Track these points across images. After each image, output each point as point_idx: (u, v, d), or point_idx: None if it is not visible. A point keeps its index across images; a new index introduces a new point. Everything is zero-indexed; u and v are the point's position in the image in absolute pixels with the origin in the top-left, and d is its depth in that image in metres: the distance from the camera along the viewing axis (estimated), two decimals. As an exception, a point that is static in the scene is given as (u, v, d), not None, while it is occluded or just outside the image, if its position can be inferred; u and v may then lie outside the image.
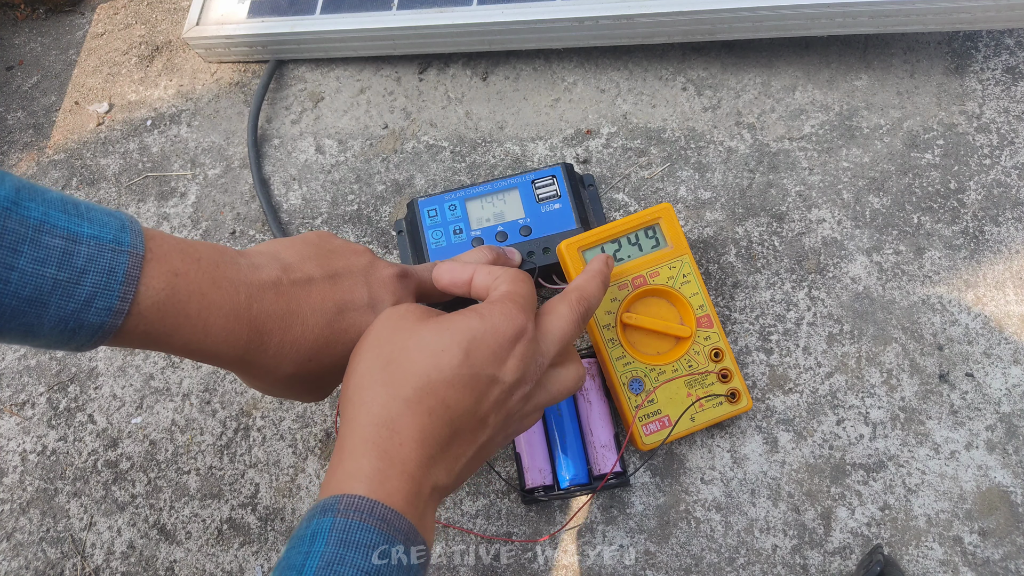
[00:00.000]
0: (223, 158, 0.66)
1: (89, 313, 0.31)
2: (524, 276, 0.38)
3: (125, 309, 0.31)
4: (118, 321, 0.31)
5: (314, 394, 0.41)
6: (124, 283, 0.31)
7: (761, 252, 0.55)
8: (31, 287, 0.29)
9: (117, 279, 0.31)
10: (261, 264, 0.37)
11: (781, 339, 0.52)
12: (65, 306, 0.30)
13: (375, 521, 0.29)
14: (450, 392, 0.33)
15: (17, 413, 0.57)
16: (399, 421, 0.32)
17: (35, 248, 0.29)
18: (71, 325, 0.31)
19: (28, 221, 0.29)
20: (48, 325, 0.30)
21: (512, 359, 0.35)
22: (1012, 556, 0.45)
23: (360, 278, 0.39)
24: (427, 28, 0.61)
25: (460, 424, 0.34)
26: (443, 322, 0.35)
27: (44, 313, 0.30)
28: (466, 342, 0.34)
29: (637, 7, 0.56)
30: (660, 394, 0.47)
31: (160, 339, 0.33)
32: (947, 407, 0.49)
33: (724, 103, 0.61)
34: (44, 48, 0.75)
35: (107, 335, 0.32)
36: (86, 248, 0.31)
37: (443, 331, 0.34)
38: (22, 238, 0.29)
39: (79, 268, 0.30)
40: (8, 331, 0.30)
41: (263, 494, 0.52)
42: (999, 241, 0.53)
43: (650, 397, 0.47)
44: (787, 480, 0.48)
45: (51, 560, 0.52)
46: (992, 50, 0.60)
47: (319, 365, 0.37)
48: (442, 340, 0.34)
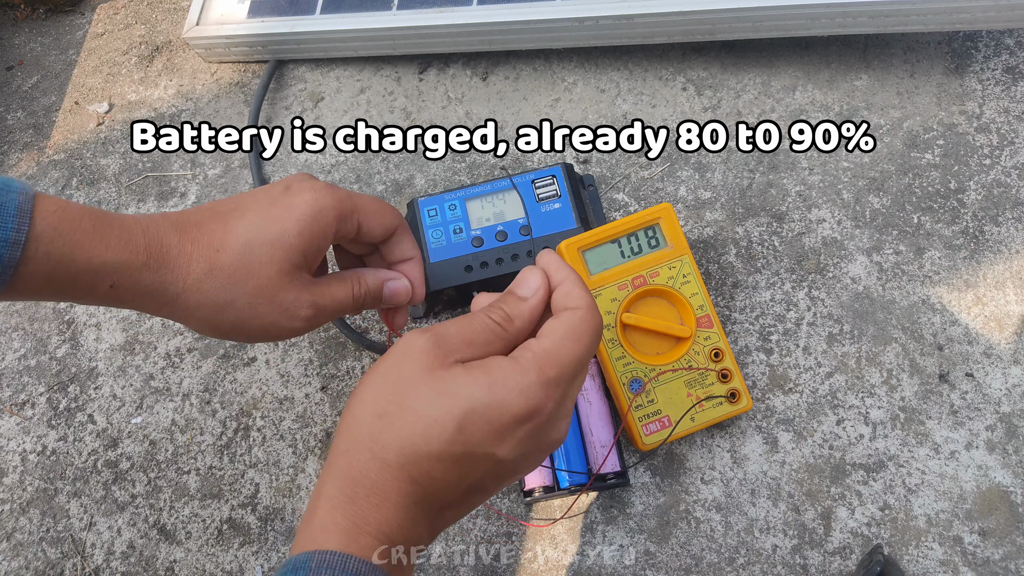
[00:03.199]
0: (223, 158, 0.66)
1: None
2: (582, 332, 0.32)
3: (20, 240, 0.32)
4: (16, 253, 0.32)
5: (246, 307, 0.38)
6: (17, 216, 0.32)
7: (761, 252, 0.55)
8: None
9: (9, 212, 0.32)
10: None
11: (781, 339, 0.52)
12: None
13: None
14: (436, 466, 0.30)
15: (17, 413, 0.57)
16: (380, 483, 0.30)
17: None
18: None
19: None
20: None
21: (513, 440, 0.30)
22: (1012, 556, 0.45)
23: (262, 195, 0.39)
24: (427, 28, 0.61)
25: (446, 496, 0.31)
26: (448, 382, 0.30)
27: None
28: (463, 416, 0.30)
29: (637, 7, 0.56)
30: (660, 394, 0.47)
31: (65, 264, 0.33)
32: (947, 407, 0.49)
33: (724, 103, 0.61)
34: (44, 48, 0.75)
35: (8, 268, 0.32)
36: None
37: (443, 395, 0.30)
38: None
39: None
40: None
41: (263, 494, 0.52)
42: (999, 241, 0.53)
43: (650, 397, 0.47)
44: (787, 480, 0.48)
45: (51, 560, 0.52)
46: (992, 50, 0.60)
47: (229, 258, 0.37)
48: (439, 408, 0.30)
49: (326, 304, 0.40)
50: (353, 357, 0.55)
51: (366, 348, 0.55)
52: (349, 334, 0.55)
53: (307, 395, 0.55)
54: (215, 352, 0.57)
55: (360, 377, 0.55)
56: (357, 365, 0.55)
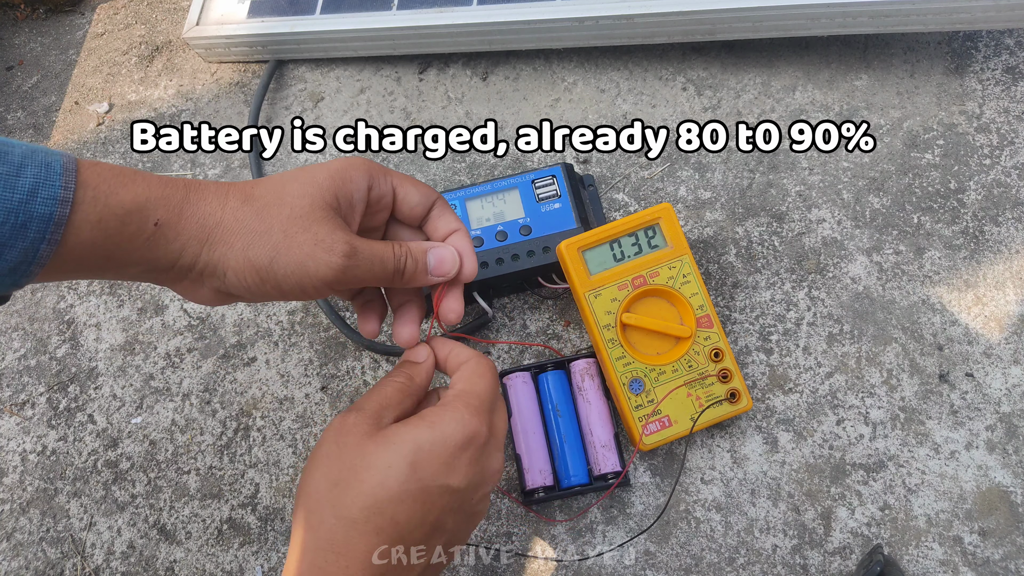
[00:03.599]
0: (223, 158, 0.66)
1: (36, 204, 0.31)
2: (483, 370, 0.38)
3: (69, 198, 0.32)
4: (66, 210, 0.32)
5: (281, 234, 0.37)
6: (63, 173, 0.32)
7: (761, 252, 0.55)
8: None
9: (55, 171, 0.32)
10: None
11: (781, 339, 0.52)
12: (11, 198, 0.31)
13: None
14: (399, 508, 0.33)
15: (17, 413, 0.57)
16: (345, 544, 0.32)
17: None
18: (21, 218, 0.31)
19: None
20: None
21: (463, 466, 0.34)
22: (1012, 556, 0.45)
23: None
24: (427, 28, 0.61)
25: (412, 537, 0.34)
26: (390, 436, 0.34)
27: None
28: (412, 455, 0.33)
29: (637, 7, 0.56)
30: (660, 394, 0.47)
31: (111, 204, 0.33)
32: (947, 407, 0.49)
33: (724, 103, 0.61)
34: (44, 48, 0.75)
35: (59, 227, 0.32)
36: (19, 151, 0.32)
37: (389, 446, 0.34)
38: None
39: (16, 163, 0.31)
40: None
41: (263, 494, 0.52)
42: (999, 241, 0.53)
43: (650, 397, 0.47)
44: (787, 480, 0.48)
45: (51, 560, 0.52)
46: (992, 50, 0.60)
47: (263, 191, 0.37)
48: (388, 456, 0.33)
49: (363, 249, 0.37)
50: (353, 357, 0.55)
51: (366, 348, 0.55)
52: (349, 334, 0.55)
53: (307, 395, 0.55)
54: (215, 352, 0.57)
55: (360, 377, 0.55)
56: (357, 365, 0.55)
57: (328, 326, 0.57)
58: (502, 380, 0.51)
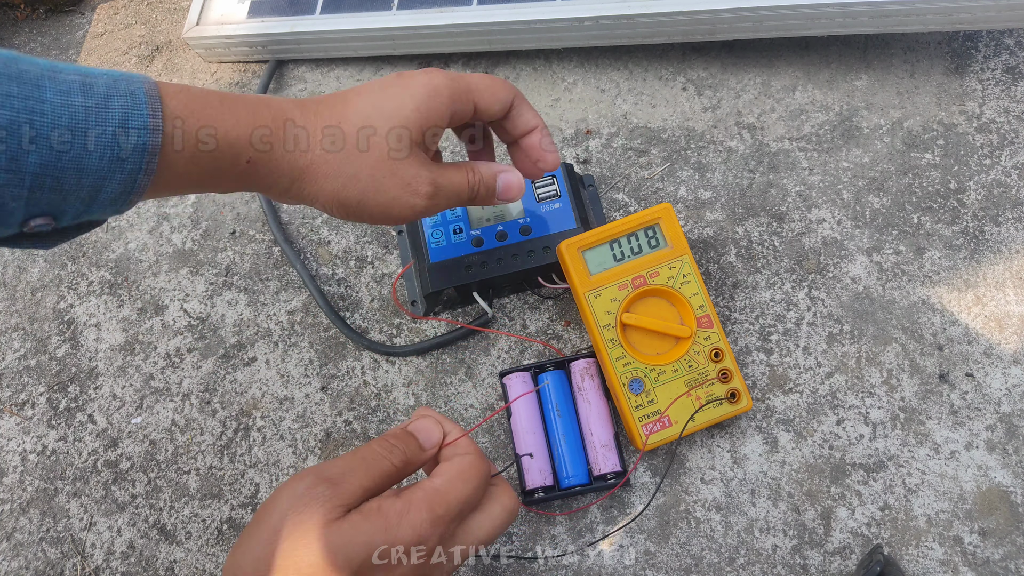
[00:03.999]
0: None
1: (129, 135, 0.31)
2: (470, 475, 0.36)
3: (159, 126, 0.32)
4: (157, 139, 0.32)
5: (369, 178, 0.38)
6: (149, 101, 0.32)
7: (761, 252, 0.55)
8: (66, 116, 0.30)
9: (140, 100, 0.32)
10: None
11: (781, 339, 0.52)
12: (104, 131, 0.31)
13: None
14: None
15: (17, 413, 0.57)
16: None
17: (55, 83, 0.30)
18: (116, 151, 0.31)
19: (38, 64, 0.30)
20: (96, 154, 0.31)
21: (400, 569, 0.33)
22: (1012, 556, 0.45)
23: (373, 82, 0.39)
24: (427, 28, 0.61)
25: None
26: (344, 531, 0.32)
27: (86, 142, 0.30)
28: (359, 562, 0.32)
29: (637, 7, 0.56)
30: (660, 394, 0.47)
31: (202, 139, 0.34)
32: (947, 407, 0.49)
33: (724, 103, 0.61)
34: (44, 48, 0.75)
35: (153, 155, 0.32)
36: (102, 80, 0.31)
37: (336, 551, 0.32)
38: (40, 75, 0.30)
39: (102, 95, 0.31)
40: (62, 171, 0.31)
41: (263, 494, 0.52)
42: (999, 241, 0.53)
43: (650, 397, 0.47)
44: (787, 480, 0.48)
45: (51, 560, 0.52)
46: (992, 50, 0.60)
47: (350, 127, 0.37)
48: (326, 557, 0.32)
49: (444, 185, 0.40)
50: (353, 357, 0.55)
51: (366, 348, 0.55)
52: (349, 334, 0.55)
53: (307, 395, 0.55)
54: (215, 352, 0.57)
55: (360, 377, 0.55)
56: (357, 365, 0.55)
57: (328, 326, 0.57)
58: (502, 380, 0.51)
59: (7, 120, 0.29)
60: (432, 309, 0.55)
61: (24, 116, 0.29)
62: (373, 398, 0.54)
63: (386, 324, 0.56)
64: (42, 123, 0.30)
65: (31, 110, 0.29)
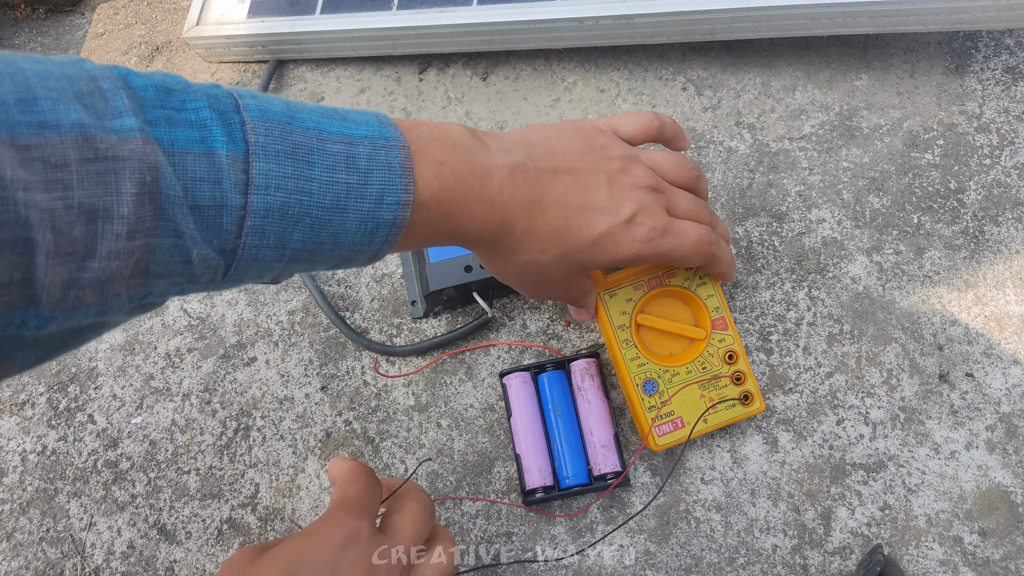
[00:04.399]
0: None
1: (382, 210, 0.32)
2: (355, 475, 0.38)
3: (410, 201, 0.33)
4: (407, 214, 0.33)
5: (534, 289, 0.42)
6: (403, 176, 0.32)
7: (761, 252, 0.55)
8: (331, 194, 0.31)
9: (396, 173, 0.32)
10: (510, 148, 0.38)
11: (781, 339, 0.52)
12: (361, 207, 0.32)
13: None
14: None
15: (17, 413, 0.57)
16: None
17: (323, 156, 0.31)
18: (370, 226, 0.32)
19: (309, 131, 0.31)
20: (352, 229, 0.32)
21: (347, 564, 0.34)
22: (1012, 556, 0.45)
23: (603, 178, 0.40)
24: (427, 28, 0.61)
25: None
26: (272, 554, 0.34)
27: (346, 218, 0.31)
28: (292, 567, 0.33)
29: (637, 7, 0.56)
30: (673, 395, 0.47)
31: (437, 228, 0.35)
32: (947, 407, 0.49)
33: (724, 103, 0.61)
34: (44, 48, 0.75)
35: (400, 230, 0.33)
36: (363, 149, 0.32)
37: (269, 563, 0.33)
38: (311, 149, 0.30)
39: (363, 169, 0.32)
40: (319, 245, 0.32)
41: (263, 494, 0.52)
42: (999, 241, 0.53)
43: (663, 398, 0.47)
44: (787, 480, 0.48)
45: (51, 560, 0.52)
46: (992, 50, 0.60)
47: (549, 257, 0.39)
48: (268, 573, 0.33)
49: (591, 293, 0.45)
50: (353, 357, 0.55)
51: (366, 348, 0.55)
52: (349, 334, 0.55)
53: (307, 395, 0.55)
54: (215, 352, 0.57)
55: (360, 377, 0.55)
56: (357, 365, 0.55)
57: (328, 326, 0.57)
58: (502, 380, 0.51)
59: (280, 203, 0.29)
60: (432, 309, 0.55)
61: (295, 197, 0.30)
62: (373, 398, 0.54)
63: (386, 324, 0.56)
64: (309, 203, 0.30)
65: (301, 191, 0.30)
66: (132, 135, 0.25)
